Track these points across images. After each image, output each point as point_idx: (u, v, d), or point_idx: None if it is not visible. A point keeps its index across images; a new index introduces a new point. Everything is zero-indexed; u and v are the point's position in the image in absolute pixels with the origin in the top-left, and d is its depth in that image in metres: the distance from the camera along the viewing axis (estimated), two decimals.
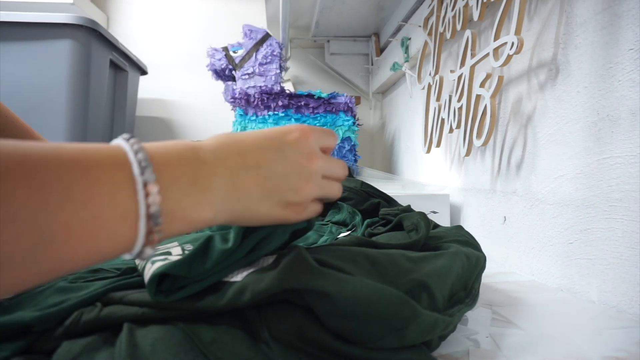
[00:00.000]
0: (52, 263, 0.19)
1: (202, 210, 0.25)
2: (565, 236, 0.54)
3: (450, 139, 0.93)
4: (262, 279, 0.27)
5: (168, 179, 0.23)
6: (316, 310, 0.26)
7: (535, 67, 0.62)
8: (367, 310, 0.25)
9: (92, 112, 1.14)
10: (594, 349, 0.35)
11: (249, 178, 0.27)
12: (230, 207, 0.27)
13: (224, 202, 0.26)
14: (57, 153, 0.20)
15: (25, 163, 0.18)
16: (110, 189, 0.21)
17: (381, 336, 0.26)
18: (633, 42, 0.45)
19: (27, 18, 1.05)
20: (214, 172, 0.26)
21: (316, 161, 0.31)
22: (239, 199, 0.27)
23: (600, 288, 0.48)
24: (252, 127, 1.21)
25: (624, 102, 0.45)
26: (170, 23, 1.70)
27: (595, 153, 0.49)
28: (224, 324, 0.27)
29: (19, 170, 0.18)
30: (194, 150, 0.26)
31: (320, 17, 1.40)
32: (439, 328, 0.29)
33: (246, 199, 0.27)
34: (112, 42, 1.21)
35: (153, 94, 1.68)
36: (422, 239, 0.40)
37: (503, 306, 0.46)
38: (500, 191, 0.71)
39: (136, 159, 0.22)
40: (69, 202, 0.19)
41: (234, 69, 1.23)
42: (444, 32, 0.86)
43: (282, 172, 0.29)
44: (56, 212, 0.19)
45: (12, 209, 0.17)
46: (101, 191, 0.20)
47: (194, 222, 0.25)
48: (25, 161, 0.18)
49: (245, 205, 0.28)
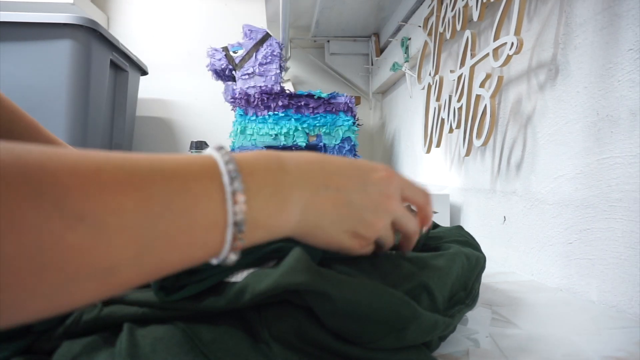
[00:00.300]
0: (151, 269, 0.21)
1: (282, 220, 0.26)
2: (565, 236, 0.54)
3: (450, 139, 0.93)
4: (262, 279, 0.27)
5: (254, 188, 0.24)
6: (316, 310, 0.26)
7: (535, 68, 0.62)
8: (368, 310, 0.25)
9: (92, 112, 1.14)
10: (594, 349, 0.35)
11: (327, 197, 0.28)
12: (305, 220, 0.27)
13: (301, 214, 0.27)
14: (160, 166, 0.21)
15: (134, 176, 0.20)
16: (204, 199, 0.22)
17: (381, 336, 0.26)
18: (633, 42, 0.45)
19: (27, 18, 1.05)
20: (296, 184, 0.27)
21: (393, 203, 0.31)
22: (315, 214, 0.28)
23: (599, 288, 0.48)
24: (252, 127, 1.21)
25: (624, 102, 0.45)
26: (170, 23, 1.70)
27: (595, 153, 0.49)
28: (224, 324, 0.27)
29: (128, 183, 0.19)
30: (279, 161, 0.27)
31: (320, 17, 1.41)
32: (439, 329, 0.29)
33: (321, 216, 0.28)
34: (113, 42, 1.21)
35: (153, 94, 1.68)
36: (422, 238, 0.40)
37: (503, 306, 0.46)
38: (500, 191, 0.71)
39: (226, 169, 0.23)
40: (168, 211, 0.20)
41: (234, 69, 1.23)
42: (444, 32, 0.86)
43: (360, 203, 0.30)
44: (157, 221, 0.20)
45: (122, 220, 0.18)
46: (196, 201, 0.21)
47: (274, 230, 0.26)
48: (135, 174, 0.20)
49: (318, 222, 0.28)
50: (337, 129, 1.24)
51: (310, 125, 1.23)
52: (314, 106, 1.23)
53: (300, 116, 1.23)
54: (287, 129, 1.21)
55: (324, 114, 1.24)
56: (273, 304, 0.28)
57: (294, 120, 1.22)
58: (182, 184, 0.21)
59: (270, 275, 0.27)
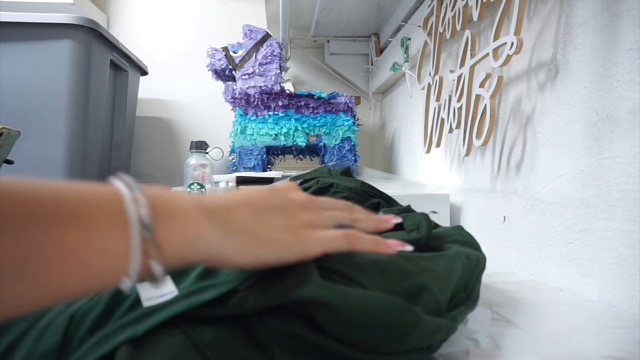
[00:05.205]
0: (43, 281, 0.19)
1: (201, 226, 0.25)
2: (565, 236, 0.54)
3: (450, 139, 0.93)
4: (265, 290, 0.27)
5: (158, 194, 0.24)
6: (319, 319, 0.26)
7: (535, 67, 0.62)
8: (370, 318, 0.26)
9: (92, 112, 1.14)
10: (594, 349, 0.35)
11: (242, 208, 0.28)
12: (230, 229, 0.26)
13: (223, 224, 0.26)
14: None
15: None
16: (103, 208, 0.21)
17: (384, 343, 0.26)
18: (633, 42, 0.45)
19: (27, 18, 1.05)
20: (206, 198, 0.27)
21: (301, 199, 0.32)
22: (239, 222, 0.27)
23: (600, 288, 0.48)
24: (252, 127, 1.21)
25: (624, 102, 0.45)
26: (170, 23, 1.70)
27: (595, 153, 0.49)
28: (224, 325, 0.27)
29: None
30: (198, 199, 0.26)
31: (320, 17, 1.40)
32: (442, 333, 0.29)
33: (246, 223, 0.27)
34: (113, 42, 1.21)
35: (153, 94, 1.68)
36: (423, 238, 0.40)
37: (503, 306, 0.46)
38: (500, 191, 0.71)
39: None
40: (61, 219, 0.19)
41: (234, 69, 1.23)
42: (444, 32, 0.86)
43: (275, 202, 0.30)
44: (48, 226, 0.19)
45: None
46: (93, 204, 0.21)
47: (195, 238, 0.24)
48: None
49: (247, 227, 0.27)
50: (337, 129, 1.24)
51: (310, 125, 1.23)
52: (314, 106, 1.23)
53: (300, 116, 1.23)
54: (287, 129, 1.21)
55: (324, 114, 1.24)
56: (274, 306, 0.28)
57: (294, 120, 1.22)
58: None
59: (273, 287, 0.27)
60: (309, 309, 0.26)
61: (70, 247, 0.19)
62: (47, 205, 0.19)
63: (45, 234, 0.19)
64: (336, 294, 0.26)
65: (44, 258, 0.18)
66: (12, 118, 1.02)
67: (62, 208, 0.20)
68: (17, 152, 0.72)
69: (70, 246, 0.19)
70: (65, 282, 0.19)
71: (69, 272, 0.19)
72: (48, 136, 1.06)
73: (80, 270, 0.20)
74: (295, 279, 0.27)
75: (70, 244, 0.19)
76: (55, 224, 0.19)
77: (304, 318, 0.27)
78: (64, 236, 0.19)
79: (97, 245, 0.20)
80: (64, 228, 0.19)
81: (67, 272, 0.19)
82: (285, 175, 1.00)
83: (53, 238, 0.19)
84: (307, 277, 0.27)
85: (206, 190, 0.85)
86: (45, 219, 0.19)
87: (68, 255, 0.19)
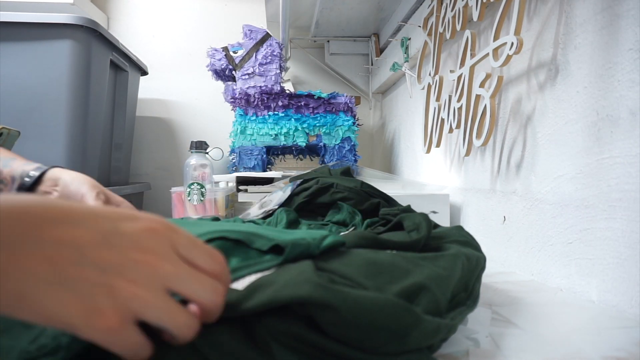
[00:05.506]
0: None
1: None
2: (565, 236, 0.54)
3: (450, 139, 0.93)
4: (264, 290, 0.27)
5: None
6: (318, 320, 0.26)
7: (535, 67, 0.62)
8: (370, 318, 0.26)
9: (92, 112, 1.14)
10: (594, 349, 0.35)
11: (39, 255, 0.20)
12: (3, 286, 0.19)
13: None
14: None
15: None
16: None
17: (384, 343, 0.26)
18: (633, 42, 0.45)
19: (27, 18, 1.05)
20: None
21: (161, 262, 0.23)
22: (16, 278, 0.19)
23: (600, 288, 0.48)
24: (252, 127, 1.21)
25: (624, 102, 0.45)
26: (170, 23, 1.70)
27: (595, 153, 0.49)
28: (224, 325, 0.27)
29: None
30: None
31: (320, 17, 1.41)
32: (442, 333, 0.29)
33: (26, 280, 0.19)
34: (113, 42, 1.21)
35: (153, 94, 1.68)
36: (423, 238, 0.40)
37: (503, 306, 0.46)
38: (500, 191, 0.71)
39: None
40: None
41: (234, 69, 1.23)
42: (444, 32, 0.86)
43: (99, 260, 0.21)
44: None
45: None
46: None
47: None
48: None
49: (22, 290, 0.19)
50: (337, 129, 1.24)
51: (310, 125, 1.23)
52: (314, 106, 1.23)
53: (300, 116, 1.23)
54: (287, 129, 1.21)
55: (324, 114, 1.24)
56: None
57: (294, 120, 1.22)
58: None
59: (272, 287, 0.27)
60: (309, 310, 0.26)
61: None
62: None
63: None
64: (336, 294, 0.26)
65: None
66: (12, 118, 1.02)
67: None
68: (17, 152, 0.72)
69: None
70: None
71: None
72: (48, 136, 1.06)
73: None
74: (295, 280, 0.27)
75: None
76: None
77: (304, 318, 0.27)
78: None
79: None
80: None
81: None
82: (285, 175, 1.00)
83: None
84: (307, 278, 0.27)
85: (206, 190, 0.85)
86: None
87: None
